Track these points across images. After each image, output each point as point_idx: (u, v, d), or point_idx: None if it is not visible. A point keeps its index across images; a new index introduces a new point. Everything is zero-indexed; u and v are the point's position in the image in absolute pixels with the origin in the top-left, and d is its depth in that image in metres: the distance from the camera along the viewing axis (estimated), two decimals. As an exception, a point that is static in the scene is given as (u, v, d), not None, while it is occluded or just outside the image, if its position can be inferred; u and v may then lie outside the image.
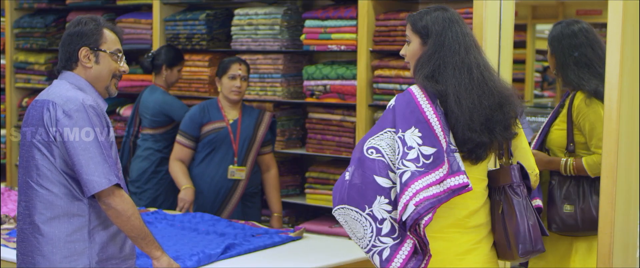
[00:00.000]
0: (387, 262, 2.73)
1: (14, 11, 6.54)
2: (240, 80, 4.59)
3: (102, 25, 2.99)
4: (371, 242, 2.76)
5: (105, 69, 2.97)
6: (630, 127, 3.19)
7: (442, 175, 2.72)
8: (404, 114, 2.78)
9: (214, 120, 4.62)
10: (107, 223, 2.93)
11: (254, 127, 4.65)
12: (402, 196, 2.70)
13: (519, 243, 2.84)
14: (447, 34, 2.86)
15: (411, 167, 2.71)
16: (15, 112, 6.55)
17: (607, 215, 3.16)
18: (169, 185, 5.08)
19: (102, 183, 2.81)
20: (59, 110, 2.84)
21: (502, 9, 3.98)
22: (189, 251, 3.59)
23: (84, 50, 2.94)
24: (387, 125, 2.81)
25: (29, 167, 2.90)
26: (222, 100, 4.65)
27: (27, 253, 2.92)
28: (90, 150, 2.82)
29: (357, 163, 2.79)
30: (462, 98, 2.80)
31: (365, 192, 2.76)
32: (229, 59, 4.66)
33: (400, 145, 2.74)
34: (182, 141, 4.65)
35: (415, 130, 2.76)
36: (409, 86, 4.61)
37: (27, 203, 2.91)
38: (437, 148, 2.73)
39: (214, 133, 4.60)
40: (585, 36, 3.53)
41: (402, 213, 2.70)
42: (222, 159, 4.60)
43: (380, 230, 2.75)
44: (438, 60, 2.85)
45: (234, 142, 4.60)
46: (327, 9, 4.98)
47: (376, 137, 2.81)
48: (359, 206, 2.76)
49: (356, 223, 2.77)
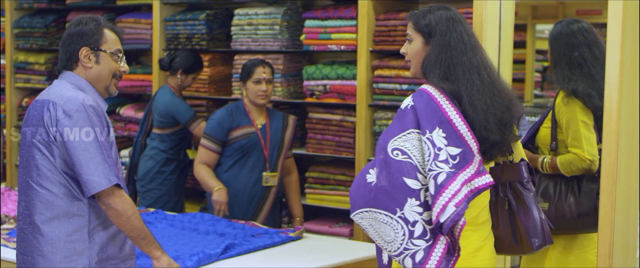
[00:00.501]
0: (421, 264, 2.72)
1: (14, 11, 6.54)
2: (266, 83, 4.46)
3: (103, 25, 2.98)
4: (403, 245, 2.73)
5: (105, 69, 2.97)
6: (630, 127, 3.19)
7: (470, 176, 2.73)
8: (426, 114, 2.77)
9: (242, 125, 4.49)
10: (107, 223, 2.93)
11: (281, 132, 4.56)
12: (439, 198, 2.68)
13: (532, 237, 2.87)
14: (452, 34, 2.87)
15: (445, 169, 2.71)
16: (15, 112, 6.55)
17: (607, 215, 3.15)
18: (172, 185, 5.08)
19: (102, 184, 2.81)
20: (59, 110, 2.84)
21: (502, 9, 3.98)
22: (189, 251, 3.59)
23: (85, 50, 2.94)
24: (409, 126, 2.78)
25: (29, 167, 2.90)
26: (248, 105, 4.53)
27: (27, 253, 2.92)
28: (90, 150, 2.81)
29: (382, 165, 2.75)
30: (475, 99, 2.81)
31: (395, 195, 2.72)
32: (251, 63, 4.52)
33: (431, 146, 2.73)
34: (208, 145, 4.49)
35: (439, 130, 2.75)
36: (409, 86, 4.64)
37: (27, 203, 2.91)
38: (462, 148, 2.74)
39: (244, 138, 4.47)
40: (584, 36, 3.53)
41: (439, 215, 2.68)
42: (254, 166, 4.49)
43: (413, 233, 2.72)
44: (446, 60, 2.85)
45: (265, 148, 4.49)
46: (327, 9, 4.98)
47: (399, 138, 2.77)
48: (389, 209, 2.73)
49: (385, 226, 2.74)
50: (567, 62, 3.52)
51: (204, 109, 5.54)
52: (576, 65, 3.51)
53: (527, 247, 2.90)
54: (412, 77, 4.61)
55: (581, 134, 3.41)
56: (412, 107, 2.80)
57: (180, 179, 5.14)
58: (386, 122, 4.75)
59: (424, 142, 2.74)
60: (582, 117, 3.43)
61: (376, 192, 2.74)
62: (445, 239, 2.73)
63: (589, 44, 3.52)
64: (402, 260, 2.74)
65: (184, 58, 5.10)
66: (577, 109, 3.43)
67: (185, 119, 5.01)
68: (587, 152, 3.39)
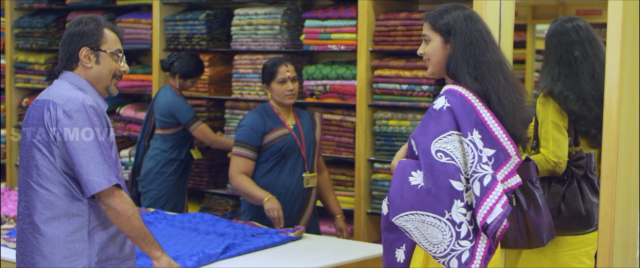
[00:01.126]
0: (467, 264, 2.75)
1: (14, 11, 6.54)
2: (291, 82, 4.28)
3: (103, 25, 2.98)
4: (450, 247, 2.75)
5: (105, 69, 2.96)
6: (630, 127, 3.19)
7: (505, 176, 2.80)
8: (463, 115, 2.80)
9: (275, 128, 4.29)
10: (106, 223, 2.93)
11: (312, 131, 4.40)
12: (486, 200, 2.72)
13: (543, 233, 2.94)
14: (472, 32, 2.90)
15: (489, 170, 2.75)
16: (15, 112, 6.55)
17: (607, 215, 3.15)
18: (172, 186, 5.08)
19: (102, 184, 2.81)
20: (59, 110, 2.84)
21: (502, 9, 3.98)
22: (189, 251, 3.59)
23: (85, 50, 2.94)
24: (449, 128, 2.79)
25: (29, 167, 2.90)
26: (275, 106, 4.33)
27: (27, 253, 2.92)
28: (91, 150, 2.81)
29: (427, 167, 2.75)
30: (502, 98, 2.85)
31: (442, 197, 2.74)
32: (272, 62, 4.33)
33: (474, 148, 2.76)
34: (244, 153, 4.28)
35: (475, 132, 2.79)
36: (409, 86, 4.63)
37: (27, 203, 2.91)
38: (496, 149, 2.78)
39: (280, 141, 4.28)
40: (578, 34, 3.50)
41: (487, 217, 2.72)
42: (293, 168, 4.32)
43: (459, 234, 2.75)
44: (470, 59, 2.88)
45: (302, 149, 4.32)
46: (327, 9, 4.98)
47: (440, 140, 2.78)
48: (437, 211, 2.74)
49: (433, 228, 2.75)
50: (557, 60, 3.50)
51: (204, 109, 5.54)
52: (565, 64, 3.48)
53: (536, 242, 2.95)
54: (412, 77, 4.61)
55: (550, 134, 3.41)
56: (448, 108, 2.81)
57: (181, 180, 5.14)
58: (386, 122, 4.75)
59: (467, 144, 2.77)
60: (554, 117, 3.42)
61: (424, 195, 2.74)
62: (486, 239, 2.77)
63: (582, 42, 3.48)
64: (447, 262, 2.77)
65: (183, 63, 5.09)
66: (550, 110, 3.43)
67: (186, 120, 5.01)
68: (552, 153, 3.38)
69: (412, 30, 4.61)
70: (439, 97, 2.86)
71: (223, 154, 5.53)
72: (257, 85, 5.23)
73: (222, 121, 5.50)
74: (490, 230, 2.74)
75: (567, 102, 3.40)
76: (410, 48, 4.63)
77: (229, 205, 5.40)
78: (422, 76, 4.58)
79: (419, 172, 2.77)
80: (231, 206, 5.39)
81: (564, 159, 3.36)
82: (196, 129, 5.02)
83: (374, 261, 3.78)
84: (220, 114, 5.53)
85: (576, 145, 3.44)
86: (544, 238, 2.95)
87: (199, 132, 5.03)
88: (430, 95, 4.57)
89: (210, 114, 5.54)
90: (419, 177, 2.76)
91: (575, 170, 3.38)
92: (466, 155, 2.77)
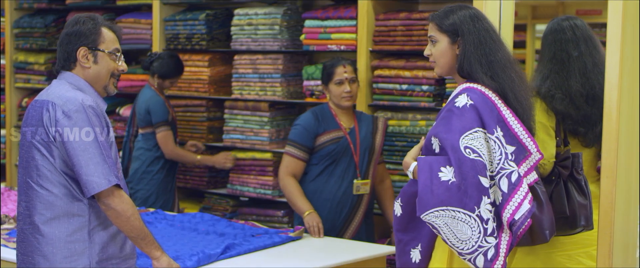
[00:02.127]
0: (492, 261, 2.78)
1: (14, 11, 6.54)
2: (349, 83, 4.18)
3: (100, 23, 2.97)
4: (477, 243, 2.77)
5: (103, 69, 2.95)
6: (630, 127, 3.19)
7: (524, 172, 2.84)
8: (486, 113, 2.83)
9: (330, 130, 4.19)
10: (107, 223, 2.92)
11: (371, 136, 4.27)
12: (514, 196, 2.76)
13: (546, 230, 2.96)
14: (480, 32, 2.93)
15: (515, 167, 2.80)
16: (15, 112, 6.55)
17: (607, 215, 3.15)
18: (160, 184, 5.09)
19: (102, 184, 2.80)
20: (58, 111, 2.83)
21: (502, 9, 3.97)
22: (189, 251, 3.59)
23: (82, 50, 2.93)
24: (475, 125, 2.81)
25: (29, 167, 2.90)
26: (333, 107, 4.24)
27: (27, 253, 2.92)
28: (90, 150, 2.81)
29: (457, 163, 2.76)
30: (518, 95, 2.90)
31: (471, 193, 2.75)
32: (330, 63, 4.24)
33: (501, 145, 2.80)
34: (294, 153, 4.19)
35: (498, 129, 2.82)
36: (408, 86, 4.63)
37: (27, 204, 2.91)
38: (516, 146, 2.82)
39: (332, 144, 4.17)
40: (573, 32, 3.47)
41: (515, 213, 2.75)
42: (343, 173, 4.18)
43: (487, 230, 2.77)
44: (482, 58, 2.91)
45: (355, 154, 4.19)
46: (327, 9, 4.98)
47: (467, 136, 2.80)
48: (468, 207, 2.75)
49: (463, 224, 2.76)
50: (549, 58, 3.48)
51: (203, 109, 5.54)
52: (557, 62, 3.46)
53: (540, 238, 2.97)
54: (411, 77, 4.61)
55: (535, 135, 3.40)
56: (472, 105, 2.83)
57: (168, 177, 5.15)
58: (386, 122, 4.75)
59: (493, 141, 2.81)
60: (540, 117, 3.40)
61: (455, 191, 2.75)
62: (508, 236, 2.79)
63: (577, 41, 3.45)
64: (473, 259, 2.78)
65: (162, 64, 5.09)
66: (537, 110, 3.42)
67: (156, 120, 5.01)
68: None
69: (412, 30, 4.61)
70: (459, 95, 2.87)
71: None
72: (257, 85, 5.23)
73: (222, 121, 5.50)
74: (516, 227, 2.77)
75: (552, 101, 3.38)
76: (410, 48, 4.63)
77: (229, 205, 5.40)
78: (422, 76, 4.58)
79: (448, 168, 2.77)
80: (231, 206, 5.39)
81: (548, 160, 3.34)
82: (160, 134, 5.01)
83: (374, 261, 3.78)
84: (220, 114, 5.53)
85: (565, 145, 3.42)
86: (546, 235, 2.96)
87: (161, 137, 5.01)
88: (430, 95, 4.57)
89: (210, 114, 5.54)
90: (449, 172, 2.77)
91: (561, 171, 3.37)
92: (492, 152, 2.80)
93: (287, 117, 5.29)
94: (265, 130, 5.19)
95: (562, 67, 3.41)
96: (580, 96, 3.37)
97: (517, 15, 4.87)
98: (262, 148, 5.20)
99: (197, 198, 5.71)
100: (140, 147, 5.09)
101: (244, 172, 5.28)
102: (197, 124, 5.53)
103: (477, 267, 2.79)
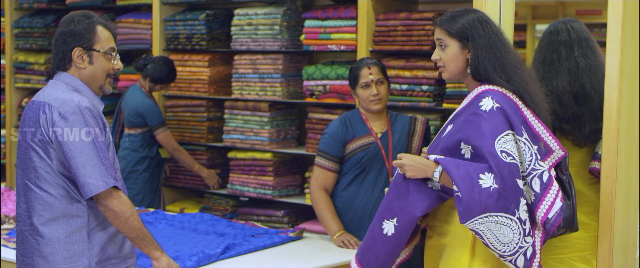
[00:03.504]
0: (530, 260, 2.83)
1: (14, 11, 6.54)
2: (376, 85, 3.88)
3: (95, 22, 2.93)
4: (518, 244, 2.80)
5: (99, 69, 2.93)
6: (630, 127, 3.19)
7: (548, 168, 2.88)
8: (512, 114, 2.85)
9: (359, 136, 3.91)
10: (106, 224, 2.92)
11: (407, 139, 3.96)
12: (547, 195, 2.81)
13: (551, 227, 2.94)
14: (490, 35, 2.94)
15: (545, 167, 2.84)
16: (15, 112, 6.55)
17: (607, 216, 3.15)
18: (146, 184, 5.13)
19: (99, 186, 2.80)
20: (54, 113, 2.82)
21: (502, 9, 3.97)
22: (189, 251, 3.59)
23: (77, 51, 2.90)
24: (505, 128, 2.83)
25: (27, 168, 2.89)
26: (364, 112, 3.95)
27: (27, 254, 2.92)
28: (87, 152, 2.80)
29: (496, 168, 2.77)
30: (533, 96, 2.92)
31: (511, 196, 2.77)
32: (356, 66, 3.96)
33: (530, 146, 2.84)
34: (324, 164, 3.91)
35: (523, 130, 2.85)
36: (408, 86, 4.63)
37: (26, 205, 2.90)
38: (538, 145, 2.87)
39: (362, 150, 3.88)
40: (568, 35, 3.46)
41: (549, 212, 2.80)
42: (374, 181, 3.88)
43: (525, 231, 2.80)
44: (495, 61, 2.92)
45: (387, 160, 3.88)
46: (327, 9, 4.98)
47: (501, 140, 2.81)
48: (509, 211, 2.77)
49: (506, 228, 2.78)
50: (541, 61, 3.48)
51: (204, 109, 5.54)
52: (548, 63, 3.46)
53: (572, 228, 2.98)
54: (411, 77, 4.61)
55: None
56: (498, 108, 2.85)
57: (154, 177, 5.22)
58: (386, 122, 4.74)
59: (523, 143, 2.84)
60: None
61: (498, 197, 2.77)
62: (540, 233, 2.85)
63: (571, 43, 3.44)
64: (514, 260, 2.82)
65: (156, 68, 5.13)
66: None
67: (153, 123, 5.08)
68: None
69: (412, 30, 4.61)
70: (482, 98, 2.87)
71: (223, 154, 5.53)
72: (257, 85, 5.23)
73: (222, 121, 5.50)
74: (550, 225, 2.81)
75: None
76: (410, 48, 4.62)
77: (228, 205, 5.40)
78: (421, 76, 4.58)
79: (488, 175, 2.78)
80: (231, 206, 5.39)
81: None
82: (161, 134, 5.11)
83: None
84: (220, 114, 5.53)
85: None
86: (552, 233, 2.94)
87: (163, 137, 5.11)
88: (430, 95, 4.57)
89: (210, 114, 5.54)
90: (489, 179, 2.77)
91: None
92: (523, 153, 2.83)
93: (287, 117, 5.29)
94: (265, 130, 5.19)
95: (552, 68, 3.42)
96: (566, 94, 3.36)
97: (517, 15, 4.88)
98: (262, 148, 5.20)
99: (197, 198, 5.71)
100: (126, 147, 5.13)
101: (244, 172, 5.28)
102: (197, 124, 5.53)
103: (517, 267, 2.83)
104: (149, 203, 5.12)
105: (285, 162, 5.28)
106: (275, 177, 5.16)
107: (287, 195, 5.24)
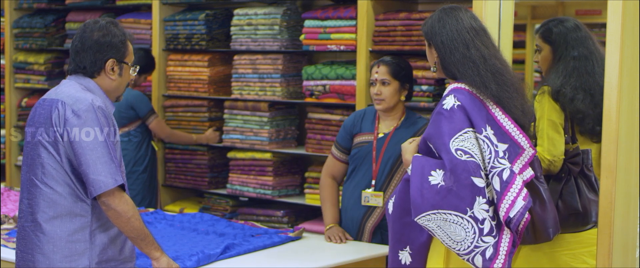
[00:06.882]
0: (491, 260, 2.80)
1: (14, 11, 6.54)
2: (380, 85, 3.83)
3: (127, 36, 3.00)
4: (473, 244, 2.79)
5: (124, 81, 3.02)
6: (630, 127, 3.19)
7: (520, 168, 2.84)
8: (474, 112, 2.85)
9: (364, 132, 3.91)
10: (108, 225, 2.94)
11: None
12: (507, 193, 2.78)
13: (549, 228, 2.97)
14: (447, 33, 2.95)
15: (507, 164, 2.81)
16: (15, 112, 6.55)
17: (606, 215, 3.15)
18: (143, 183, 5.14)
19: (109, 183, 2.82)
20: (68, 110, 2.86)
21: (501, 9, 3.97)
22: (189, 251, 3.59)
23: (111, 63, 2.96)
24: (464, 125, 2.83)
25: (34, 165, 2.91)
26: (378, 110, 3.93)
27: (27, 251, 2.93)
28: (98, 150, 2.83)
29: (449, 166, 2.78)
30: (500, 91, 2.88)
31: (463, 195, 2.77)
32: (373, 62, 3.98)
33: (490, 144, 2.82)
34: (335, 153, 3.98)
35: (488, 127, 2.84)
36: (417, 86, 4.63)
37: (30, 201, 2.92)
38: (509, 144, 2.84)
39: (358, 147, 3.90)
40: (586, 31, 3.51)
41: (509, 211, 2.77)
42: (360, 180, 3.88)
43: (482, 230, 2.79)
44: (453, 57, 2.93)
45: (375, 161, 3.85)
46: (327, 9, 4.98)
47: (458, 139, 2.82)
48: (459, 209, 2.78)
49: (456, 226, 2.78)
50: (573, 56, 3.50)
51: (204, 109, 5.54)
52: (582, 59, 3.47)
53: (543, 237, 2.98)
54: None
55: (545, 132, 3.40)
56: (459, 106, 2.85)
57: (151, 176, 5.29)
58: (386, 122, 4.74)
59: (482, 141, 2.82)
60: (550, 115, 3.41)
61: (445, 194, 2.78)
62: (509, 234, 2.81)
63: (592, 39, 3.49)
64: (471, 259, 2.81)
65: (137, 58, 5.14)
66: (546, 107, 3.42)
67: (144, 112, 5.16)
68: (547, 151, 3.37)
69: (412, 30, 4.61)
70: (446, 96, 2.90)
71: (223, 154, 5.53)
72: (256, 85, 5.23)
73: (222, 121, 5.50)
74: (513, 224, 2.79)
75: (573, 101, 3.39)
76: (410, 48, 4.63)
77: (228, 205, 5.40)
78: (421, 76, 4.58)
79: (438, 171, 2.80)
80: (231, 206, 5.40)
81: (559, 157, 3.36)
82: (153, 123, 5.18)
83: (374, 261, 3.77)
84: (220, 113, 5.54)
85: (573, 142, 3.43)
86: (550, 233, 2.98)
87: (155, 125, 5.19)
88: (430, 95, 4.57)
89: (211, 114, 5.54)
90: (439, 176, 2.79)
91: (571, 167, 3.37)
92: (483, 151, 2.82)
93: (286, 117, 5.29)
94: (265, 130, 5.19)
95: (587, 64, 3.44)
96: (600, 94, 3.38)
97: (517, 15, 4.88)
98: (262, 148, 5.21)
99: (196, 198, 5.72)
100: (124, 148, 5.14)
101: (243, 172, 5.29)
102: (197, 124, 5.54)
103: (476, 266, 2.82)
104: (147, 203, 5.12)
105: (284, 162, 5.28)
106: (274, 177, 5.17)
107: (287, 195, 5.25)
